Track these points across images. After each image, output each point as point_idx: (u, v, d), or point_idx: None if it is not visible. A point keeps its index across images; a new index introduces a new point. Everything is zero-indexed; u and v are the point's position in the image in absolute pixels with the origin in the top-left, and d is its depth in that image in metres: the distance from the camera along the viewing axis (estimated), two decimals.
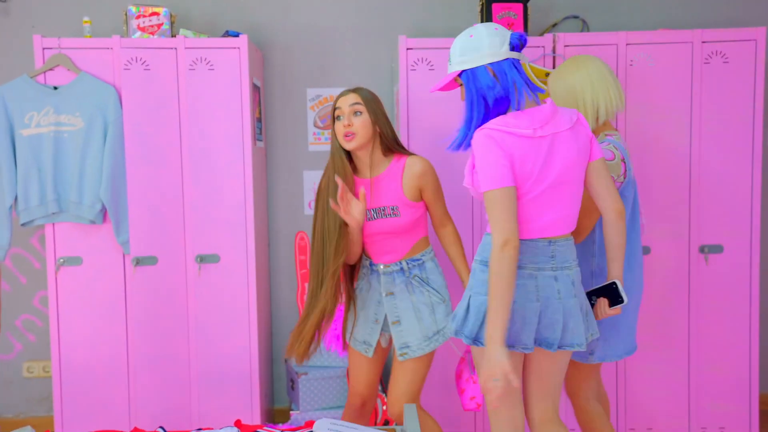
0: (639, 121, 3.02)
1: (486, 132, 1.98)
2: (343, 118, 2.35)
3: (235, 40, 2.96)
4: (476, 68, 2.03)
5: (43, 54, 2.91)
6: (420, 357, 2.42)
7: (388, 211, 2.39)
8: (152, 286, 3.00)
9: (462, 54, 2.04)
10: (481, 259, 2.07)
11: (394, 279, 2.44)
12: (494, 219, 1.94)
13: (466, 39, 2.05)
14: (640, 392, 3.09)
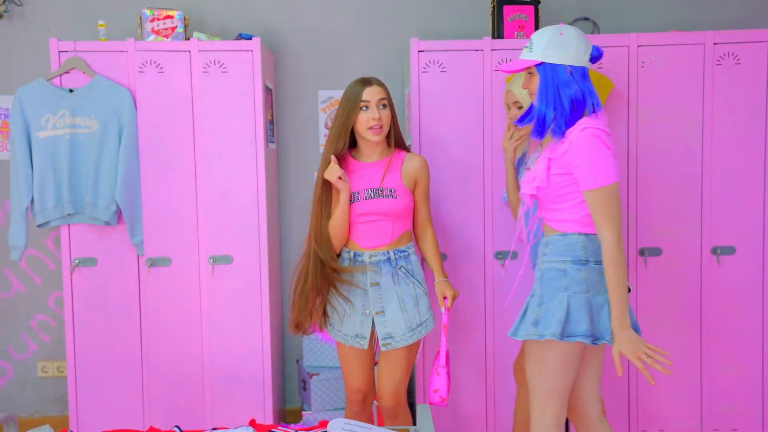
0: (650, 123, 3.02)
1: (592, 131, 2.05)
2: (371, 110, 2.42)
3: (248, 43, 2.99)
4: (557, 65, 2.11)
5: (59, 57, 2.95)
6: (404, 348, 2.47)
7: (386, 192, 2.47)
8: (166, 287, 3.03)
9: (548, 47, 2.11)
10: (573, 258, 2.13)
11: (380, 269, 2.49)
12: (611, 213, 2.03)
13: (555, 34, 2.13)
14: (652, 393, 3.09)
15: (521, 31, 3.10)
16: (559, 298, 2.12)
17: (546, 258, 2.19)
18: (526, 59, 2.16)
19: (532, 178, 2.18)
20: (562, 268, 2.14)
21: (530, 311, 2.18)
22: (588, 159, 2.05)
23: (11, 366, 3.56)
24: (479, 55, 3.00)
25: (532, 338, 2.14)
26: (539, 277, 2.20)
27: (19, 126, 2.92)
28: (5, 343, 3.54)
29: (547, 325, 2.10)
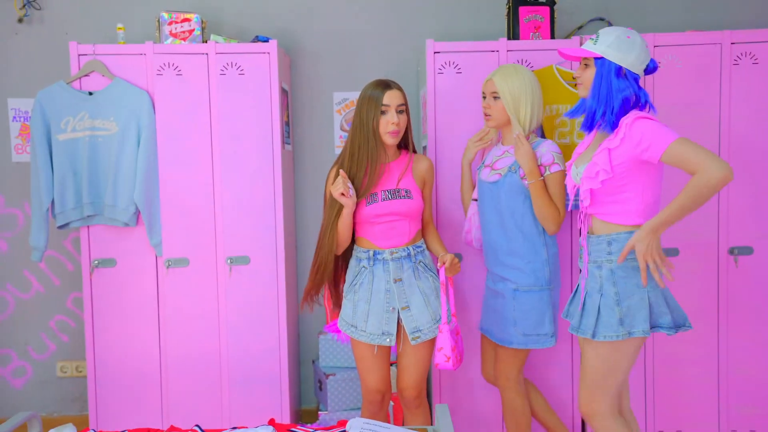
0: (668, 123, 3.00)
1: (644, 117, 2.12)
2: (390, 114, 2.48)
3: (265, 46, 3.01)
4: (614, 64, 2.17)
5: (79, 60, 2.98)
6: (428, 341, 2.54)
7: (403, 193, 2.53)
8: (184, 287, 3.05)
9: (612, 45, 2.17)
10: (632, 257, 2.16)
11: (402, 265, 2.54)
12: (700, 153, 1.99)
13: (623, 35, 2.19)
14: (669, 394, 3.08)
15: (536, 31, 3.10)
16: (640, 295, 2.15)
17: (614, 256, 2.18)
18: (588, 50, 2.21)
19: (595, 172, 2.17)
20: (635, 266, 2.16)
21: (607, 310, 2.17)
22: (647, 132, 2.08)
23: (31, 366, 3.60)
24: (495, 56, 3.00)
25: (621, 338, 2.15)
26: (608, 276, 2.18)
27: (39, 129, 2.96)
28: (25, 343, 3.58)
29: (634, 323, 2.14)
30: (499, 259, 2.66)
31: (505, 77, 2.63)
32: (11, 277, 3.55)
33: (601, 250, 2.22)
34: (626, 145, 2.12)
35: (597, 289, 2.21)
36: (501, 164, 2.67)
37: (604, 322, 2.17)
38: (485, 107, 2.68)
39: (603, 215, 2.23)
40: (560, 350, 3.06)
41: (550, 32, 3.11)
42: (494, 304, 2.70)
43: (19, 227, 3.52)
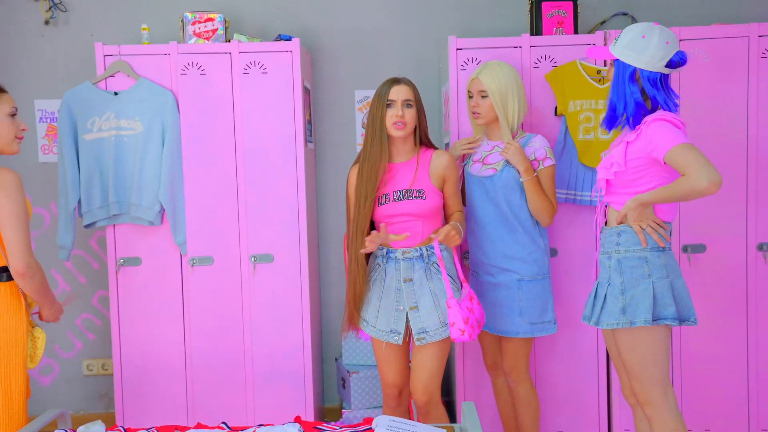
0: (693, 119, 2.97)
1: (663, 117, 2.17)
2: (395, 108, 2.49)
3: (288, 44, 3.02)
4: (627, 65, 2.22)
5: (104, 61, 3.01)
6: (438, 342, 2.50)
7: (415, 193, 2.50)
8: (208, 285, 3.07)
9: (626, 46, 2.21)
10: (652, 245, 2.23)
11: (413, 265, 2.51)
12: (697, 160, 2.05)
13: (638, 35, 2.21)
14: (697, 392, 3.04)
15: (560, 27, 3.08)
16: (644, 285, 2.21)
17: (622, 247, 2.26)
18: (610, 51, 2.27)
19: (610, 163, 2.25)
20: (642, 256, 2.23)
21: (612, 299, 2.25)
22: (658, 132, 2.15)
23: (58, 364, 3.64)
24: (518, 52, 2.99)
25: (623, 326, 2.22)
26: (615, 266, 2.26)
27: (66, 129, 2.99)
28: (51, 341, 3.62)
29: (637, 312, 2.20)
30: (501, 251, 2.67)
31: (491, 75, 2.65)
32: None
33: (611, 242, 2.29)
34: (641, 142, 2.20)
35: (606, 279, 2.30)
36: (493, 159, 2.69)
37: (608, 310, 2.26)
38: (473, 106, 2.69)
39: (617, 204, 2.30)
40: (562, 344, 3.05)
41: (574, 27, 3.08)
42: (494, 297, 2.71)
43: (45, 227, 3.57)
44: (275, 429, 2.13)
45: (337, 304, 3.56)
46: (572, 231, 3.02)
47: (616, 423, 3.08)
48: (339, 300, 3.55)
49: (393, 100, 2.50)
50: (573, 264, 3.01)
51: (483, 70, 2.68)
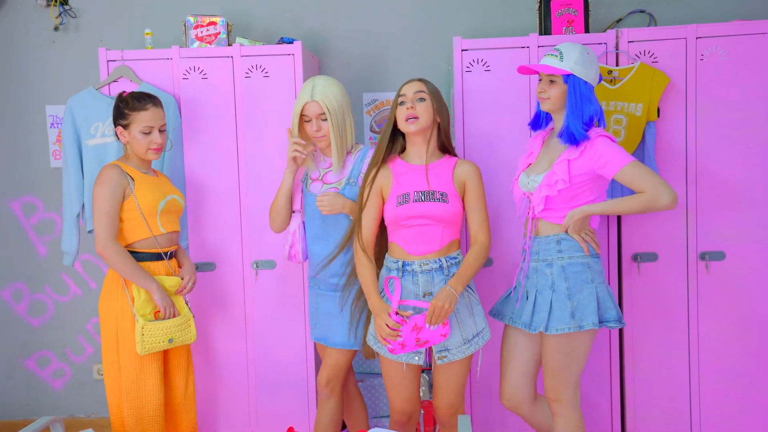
0: (710, 120, 2.85)
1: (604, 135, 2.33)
2: (407, 103, 2.43)
3: (290, 47, 2.98)
4: (583, 80, 2.33)
5: (108, 66, 3.01)
6: (461, 360, 2.40)
7: (437, 195, 2.41)
8: (211, 291, 3.05)
9: (578, 62, 2.32)
10: (592, 252, 2.37)
11: (432, 278, 2.39)
12: (653, 177, 2.24)
13: (584, 51, 2.34)
14: (716, 405, 2.91)
15: (570, 26, 2.98)
16: (588, 290, 2.32)
17: (565, 254, 2.35)
18: (557, 67, 2.32)
19: (554, 180, 2.32)
20: (585, 262, 2.35)
21: (559, 305, 2.32)
22: (606, 150, 2.28)
23: (69, 368, 3.67)
24: (525, 52, 2.90)
25: (572, 330, 2.29)
26: (559, 272, 2.34)
27: (69, 134, 3.00)
28: (63, 345, 3.65)
29: (584, 316, 2.30)
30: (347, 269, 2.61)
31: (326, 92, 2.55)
32: (50, 281, 3.63)
33: (551, 249, 2.37)
34: (586, 159, 2.30)
35: (549, 286, 2.36)
36: (333, 178, 2.63)
37: (557, 316, 2.31)
38: (316, 131, 2.57)
39: (553, 218, 2.38)
40: None
41: (585, 26, 2.98)
42: (325, 308, 2.67)
43: (57, 231, 3.59)
44: None
45: None
46: None
47: None
48: None
49: (404, 95, 2.44)
50: None
51: (317, 90, 2.53)
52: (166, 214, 2.62)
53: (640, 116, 2.82)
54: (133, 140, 2.58)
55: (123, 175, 2.55)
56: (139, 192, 2.55)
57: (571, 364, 2.35)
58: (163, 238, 2.62)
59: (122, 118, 2.57)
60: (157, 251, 2.60)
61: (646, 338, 2.93)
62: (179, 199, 2.70)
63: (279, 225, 2.71)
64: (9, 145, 3.60)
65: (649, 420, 2.95)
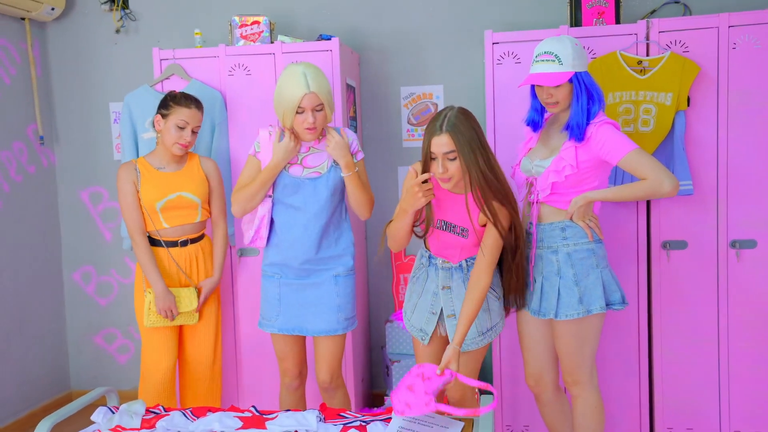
0: (743, 109, 2.85)
1: (609, 122, 2.38)
2: (438, 161, 2.25)
3: (328, 43, 3.14)
4: (584, 72, 2.40)
5: (161, 64, 3.25)
6: (473, 351, 2.45)
7: (458, 230, 2.39)
8: (255, 274, 3.24)
9: (575, 58, 2.37)
10: (596, 238, 2.43)
11: (452, 274, 2.44)
12: (655, 164, 2.29)
13: (573, 44, 2.38)
14: (745, 393, 2.91)
15: (600, 17, 3.02)
16: (594, 275, 2.39)
17: (570, 241, 2.42)
18: (560, 72, 2.36)
19: (562, 166, 2.38)
20: (590, 248, 2.41)
21: (566, 291, 2.39)
22: (610, 137, 2.34)
23: (133, 344, 3.96)
24: None
25: (581, 315, 2.37)
26: (565, 259, 2.40)
27: (127, 129, 3.26)
28: (127, 323, 3.94)
29: (592, 301, 2.38)
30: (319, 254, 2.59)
31: (320, 82, 2.47)
32: (115, 264, 3.93)
33: (556, 236, 2.43)
34: (591, 144, 2.35)
35: (555, 272, 2.42)
36: (313, 161, 2.59)
37: (565, 302, 2.39)
38: (311, 122, 2.48)
39: (557, 203, 2.44)
40: None
41: (615, 18, 3.02)
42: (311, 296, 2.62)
43: (120, 218, 3.88)
44: (296, 415, 2.24)
45: (383, 292, 3.66)
46: (618, 227, 2.97)
47: (659, 419, 3.00)
48: (385, 289, 3.66)
49: (433, 152, 2.24)
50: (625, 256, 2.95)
51: (311, 80, 2.44)
52: (168, 211, 2.80)
53: (669, 106, 2.84)
54: (166, 131, 2.76)
55: (133, 171, 2.79)
56: (142, 188, 2.79)
57: (583, 347, 2.43)
58: (167, 231, 2.83)
59: (165, 108, 2.77)
60: (169, 239, 2.83)
61: (675, 325, 2.96)
62: (188, 196, 2.81)
63: (249, 209, 2.61)
64: (79, 140, 3.91)
65: (677, 406, 2.98)
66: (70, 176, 3.93)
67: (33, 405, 3.76)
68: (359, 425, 2.22)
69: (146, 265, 2.79)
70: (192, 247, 2.88)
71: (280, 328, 2.66)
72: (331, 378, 2.68)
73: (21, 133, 3.73)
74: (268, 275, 2.68)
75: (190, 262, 2.88)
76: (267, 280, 2.68)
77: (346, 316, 2.65)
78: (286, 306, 2.64)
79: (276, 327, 2.66)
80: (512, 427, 3.11)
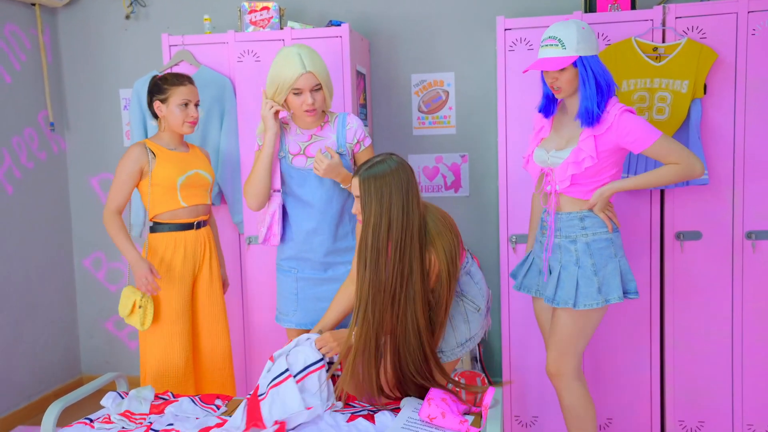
0: (762, 96, 2.78)
1: (628, 111, 2.33)
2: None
3: (338, 29, 3.10)
4: (591, 56, 2.33)
5: (170, 51, 3.23)
6: (452, 361, 2.38)
7: None
8: (263, 262, 3.23)
9: (580, 41, 2.30)
10: (614, 227, 2.41)
11: None
12: (683, 149, 2.31)
13: (579, 28, 2.32)
14: (759, 386, 2.87)
15: (615, 3, 2.96)
16: (613, 264, 2.37)
17: (589, 231, 2.39)
18: (565, 56, 2.31)
19: (581, 158, 2.34)
20: (608, 238, 2.39)
21: (585, 281, 2.36)
22: (634, 126, 2.31)
23: None
24: None
25: (599, 305, 2.35)
26: (584, 249, 2.38)
27: (136, 115, 3.25)
28: None
29: (610, 290, 2.36)
30: (336, 244, 2.54)
31: (319, 64, 2.42)
32: None
33: (574, 226, 2.41)
34: (612, 134, 2.31)
35: (573, 262, 2.40)
36: (316, 150, 2.50)
37: (584, 292, 2.36)
38: (309, 104, 2.41)
39: (577, 194, 2.41)
40: None
41: (631, 3, 2.95)
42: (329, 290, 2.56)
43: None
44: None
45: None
46: (631, 217, 2.92)
47: (670, 412, 2.97)
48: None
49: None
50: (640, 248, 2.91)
51: (307, 60, 2.39)
52: (187, 188, 2.73)
53: (685, 93, 2.79)
54: (170, 114, 2.70)
55: (144, 153, 2.69)
56: (159, 167, 2.69)
57: (580, 338, 2.42)
58: (184, 211, 2.75)
59: (160, 93, 2.70)
60: (182, 221, 2.75)
61: (688, 317, 2.91)
62: (204, 174, 2.79)
63: (262, 199, 2.54)
64: (89, 127, 3.91)
65: (689, 399, 2.95)
66: (80, 163, 3.93)
67: (45, 389, 3.79)
68: (367, 414, 2.21)
69: (123, 241, 2.67)
70: (204, 230, 2.84)
71: (298, 323, 2.61)
72: None
73: (32, 119, 3.73)
74: (284, 270, 2.63)
75: (204, 246, 2.83)
76: (283, 274, 2.64)
77: None
78: (303, 301, 2.60)
79: (294, 322, 2.62)
80: (521, 418, 3.09)
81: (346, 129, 2.54)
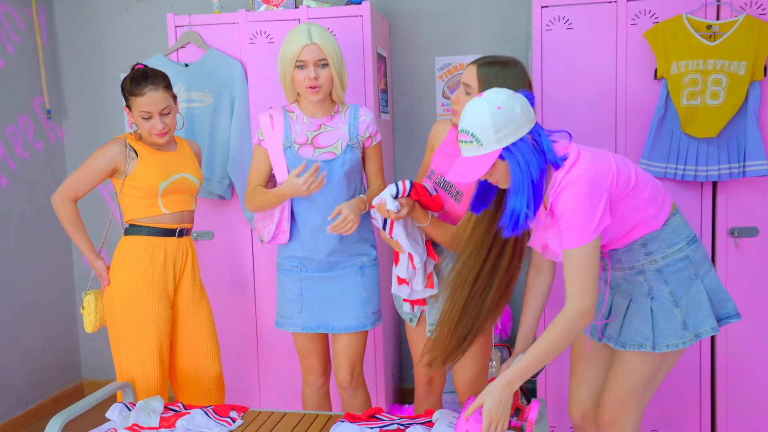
0: None
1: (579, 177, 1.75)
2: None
3: (358, 8, 2.87)
4: (517, 142, 1.76)
5: (176, 32, 3.00)
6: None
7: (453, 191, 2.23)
8: None
9: (498, 132, 1.74)
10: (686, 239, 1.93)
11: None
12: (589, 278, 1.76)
13: (494, 112, 1.73)
14: None
15: None
16: (696, 288, 1.91)
17: (656, 255, 1.91)
18: (484, 154, 1.75)
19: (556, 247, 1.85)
20: (684, 256, 1.91)
21: (664, 315, 1.91)
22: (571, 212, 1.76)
23: None
24: (612, 7, 2.67)
25: (688, 344, 1.90)
26: (655, 276, 1.92)
27: None
28: None
29: (699, 322, 1.90)
30: (342, 243, 2.36)
31: (327, 38, 2.26)
32: None
33: (637, 254, 1.92)
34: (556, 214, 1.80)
35: (645, 293, 1.93)
36: (327, 140, 2.33)
37: (664, 329, 1.89)
38: (312, 79, 2.24)
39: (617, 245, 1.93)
40: None
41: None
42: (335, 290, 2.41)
43: None
44: None
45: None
46: None
47: (721, 425, 2.75)
48: None
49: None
50: None
51: (314, 33, 2.25)
52: (170, 194, 2.44)
53: (743, 76, 2.57)
54: (137, 123, 2.41)
55: (123, 153, 2.40)
56: (140, 169, 2.40)
57: (648, 386, 1.98)
58: (166, 218, 2.46)
59: (124, 98, 2.42)
60: (163, 227, 2.45)
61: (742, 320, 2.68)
62: (191, 178, 2.48)
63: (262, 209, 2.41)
64: (88, 114, 3.69)
65: (742, 409, 2.74)
66: (79, 153, 3.71)
67: (43, 395, 3.61)
68: (397, 429, 2.04)
69: (72, 226, 2.46)
70: (186, 239, 2.53)
71: (304, 326, 2.43)
72: (351, 376, 2.46)
73: (27, 106, 3.52)
74: (286, 269, 2.44)
75: (185, 256, 2.52)
76: (284, 275, 2.44)
77: (374, 309, 2.44)
78: (308, 302, 2.41)
79: (299, 326, 2.43)
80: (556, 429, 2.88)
81: (359, 121, 2.38)
